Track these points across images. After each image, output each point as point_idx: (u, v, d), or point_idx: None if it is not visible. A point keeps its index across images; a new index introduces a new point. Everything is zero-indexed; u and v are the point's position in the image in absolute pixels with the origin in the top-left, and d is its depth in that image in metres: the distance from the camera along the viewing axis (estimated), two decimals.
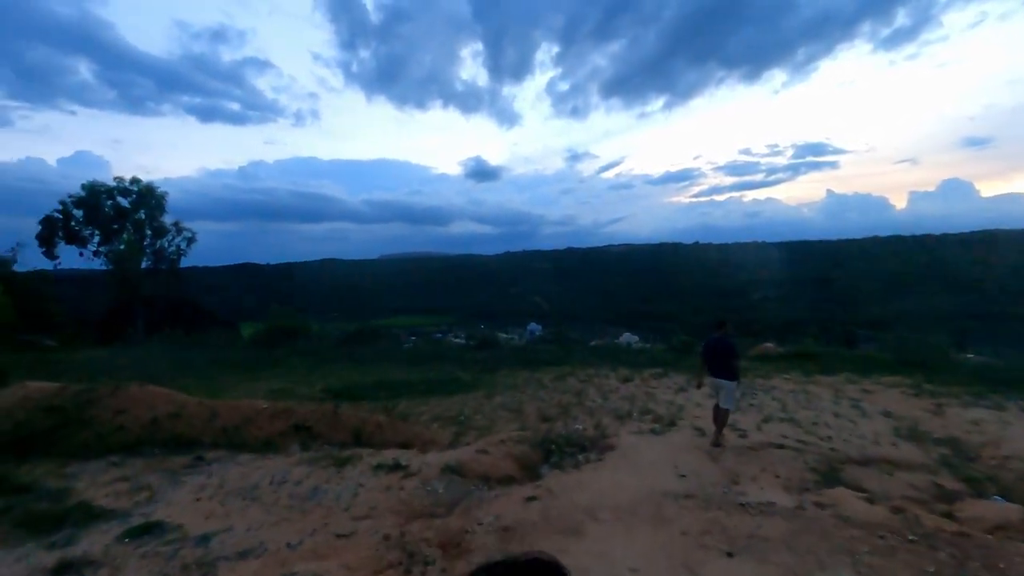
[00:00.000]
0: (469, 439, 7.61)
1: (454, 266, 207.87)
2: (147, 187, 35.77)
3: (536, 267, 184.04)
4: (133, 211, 35.86)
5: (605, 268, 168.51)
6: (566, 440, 6.65)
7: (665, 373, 13.67)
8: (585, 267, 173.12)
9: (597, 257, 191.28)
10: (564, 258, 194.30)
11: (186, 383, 13.58)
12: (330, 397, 11.83)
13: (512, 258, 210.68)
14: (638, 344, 32.27)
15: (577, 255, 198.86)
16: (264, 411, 5.59)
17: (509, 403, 10.49)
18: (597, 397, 11.04)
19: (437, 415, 9.54)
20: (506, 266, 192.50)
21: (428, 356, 18.41)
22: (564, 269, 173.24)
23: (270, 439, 5.35)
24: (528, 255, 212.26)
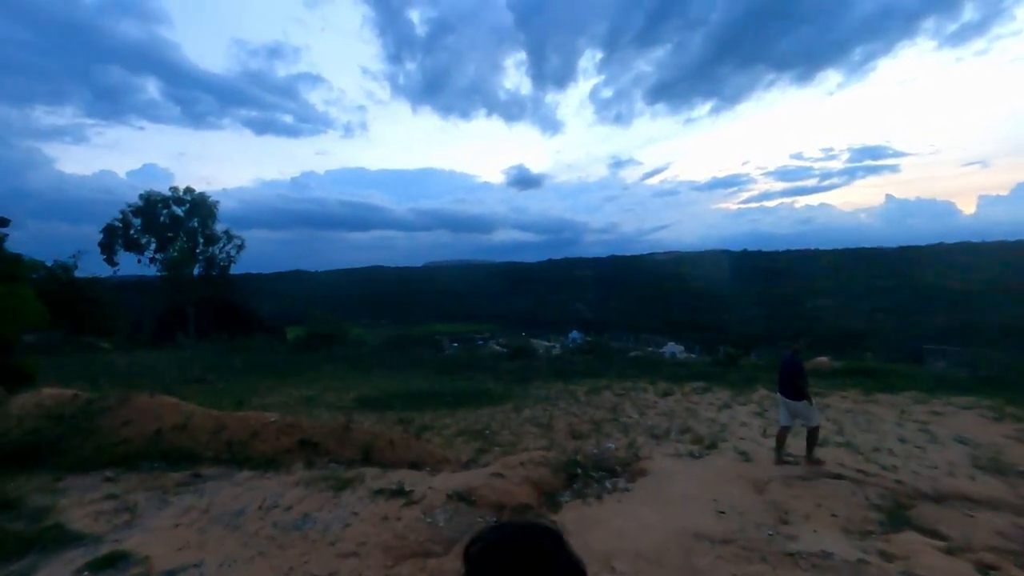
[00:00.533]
0: (491, 457, 7.11)
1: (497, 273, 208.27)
2: (200, 197, 37.14)
3: (579, 275, 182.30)
4: (187, 219, 37.30)
5: (649, 276, 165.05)
6: (594, 463, 6.06)
7: (708, 388, 12.81)
8: (629, 275, 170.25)
9: (641, 265, 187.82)
10: (607, 266, 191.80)
11: (214, 389, 13.73)
12: (359, 406, 11.61)
13: (554, 266, 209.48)
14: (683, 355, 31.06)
15: (621, 263, 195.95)
16: (271, 425, 5.29)
17: (538, 417, 9.94)
18: (633, 413, 10.35)
19: (462, 429, 9.09)
20: (549, 274, 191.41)
21: (462, 365, 18.05)
22: (607, 277, 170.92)
23: (275, 455, 5.02)
24: (571, 262, 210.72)
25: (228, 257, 39.13)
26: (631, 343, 50.72)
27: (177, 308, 37.00)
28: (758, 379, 13.69)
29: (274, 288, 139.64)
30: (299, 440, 5.19)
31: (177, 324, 35.07)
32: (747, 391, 12.23)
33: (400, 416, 10.48)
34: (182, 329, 34.69)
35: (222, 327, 33.48)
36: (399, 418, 10.27)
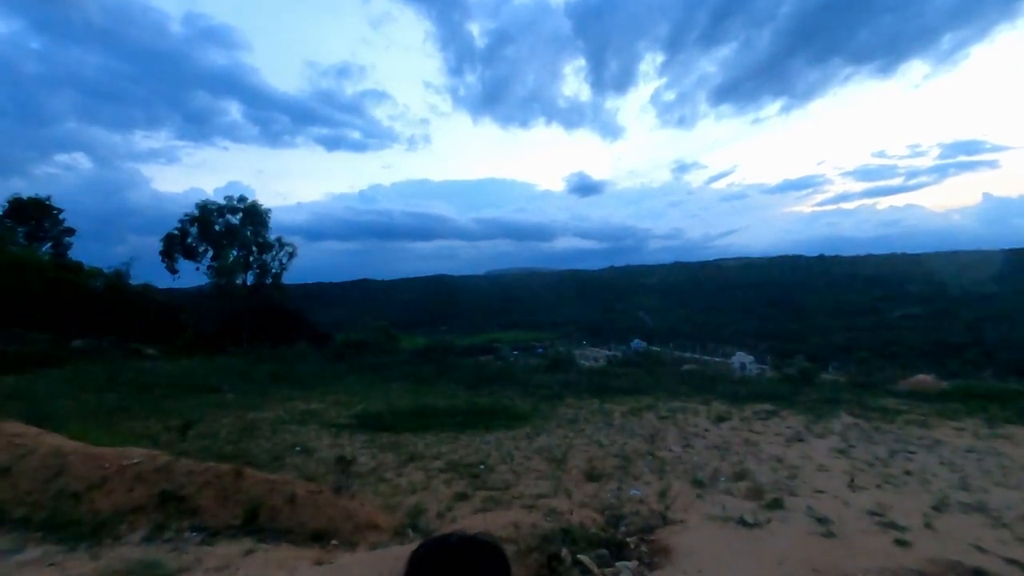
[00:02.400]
0: (465, 510, 5.35)
1: (558, 281, 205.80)
2: (252, 205, 37.64)
3: (642, 282, 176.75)
4: (241, 227, 37.88)
5: (717, 283, 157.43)
6: (592, 537, 4.17)
7: (775, 412, 10.43)
8: (694, 282, 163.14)
9: (708, 271, 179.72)
10: (672, 273, 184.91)
11: (207, 401, 12.66)
12: (356, 424, 10.16)
13: (617, 273, 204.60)
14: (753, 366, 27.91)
15: (686, 269, 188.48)
16: (128, 469, 3.83)
17: (553, 447, 8.05)
18: (675, 444, 8.26)
19: (454, 461, 7.36)
20: (611, 281, 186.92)
21: (493, 377, 16.33)
22: (672, 284, 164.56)
23: (116, 515, 3.56)
24: (633, 270, 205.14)
25: (281, 265, 39.44)
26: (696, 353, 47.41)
27: (233, 316, 37.59)
28: (839, 401, 11.16)
29: (342, 297, 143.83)
30: (160, 492, 3.71)
31: (234, 331, 35.54)
32: (826, 417, 9.79)
33: (395, 439, 8.92)
34: (237, 336, 35.12)
35: (273, 335, 33.57)
36: (392, 442, 8.71)
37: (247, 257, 37.85)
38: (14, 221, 28.78)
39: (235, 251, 37.24)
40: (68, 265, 28.11)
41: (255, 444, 8.67)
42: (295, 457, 7.83)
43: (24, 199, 29.07)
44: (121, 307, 26.41)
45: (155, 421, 10.32)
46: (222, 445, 8.55)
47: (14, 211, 28.77)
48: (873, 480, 6.29)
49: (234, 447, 8.42)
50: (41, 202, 29.71)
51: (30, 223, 29.62)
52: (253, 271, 38.37)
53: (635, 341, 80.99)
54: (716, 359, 40.34)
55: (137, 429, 9.60)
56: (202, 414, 11.33)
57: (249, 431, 9.65)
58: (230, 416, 11.10)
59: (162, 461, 4.03)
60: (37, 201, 29.54)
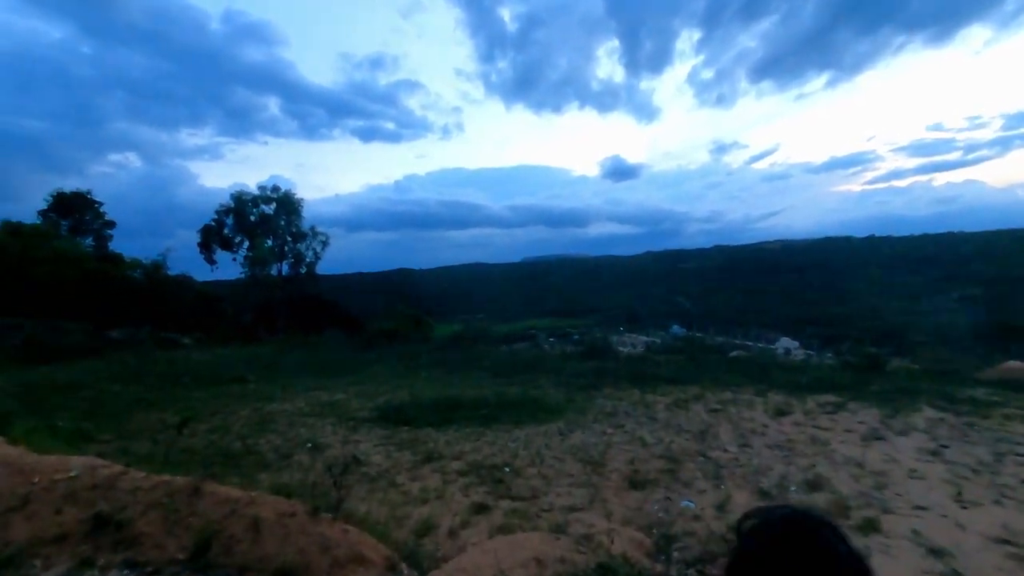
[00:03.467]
0: (477, 529, 4.49)
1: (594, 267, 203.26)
2: (286, 195, 37.66)
3: (680, 267, 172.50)
4: (275, 218, 37.99)
5: (759, 267, 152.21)
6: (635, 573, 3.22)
7: (842, 404, 9.19)
8: (735, 266, 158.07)
9: (749, 255, 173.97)
10: (711, 257, 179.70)
11: (229, 392, 12.15)
12: (376, 417, 9.45)
13: (654, 258, 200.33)
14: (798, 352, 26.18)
15: (726, 253, 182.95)
16: (57, 485, 3.11)
17: (589, 446, 7.10)
18: (730, 443, 7.19)
19: (475, 462, 6.51)
20: (648, 266, 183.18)
21: (524, 365, 15.45)
22: (711, 269, 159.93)
23: (33, 545, 2.85)
24: (671, 255, 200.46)
25: (315, 254, 39.48)
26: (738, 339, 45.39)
27: (268, 305, 37.90)
28: (917, 392, 9.80)
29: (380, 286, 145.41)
30: (94, 515, 2.98)
31: (266, 321, 35.83)
32: (904, 411, 8.51)
33: (415, 434, 8.15)
34: (272, 325, 35.38)
35: (307, 323, 33.65)
36: (411, 438, 7.94)
37: (282, 247, 38.03)
38: (58, 215, 29.42)
39: (269, 241, 37.47)
40: (108, 257, 28.55)
41: (266, 440, 8.04)
42: (304, 455, 7.14)
43: (67, 193, 29.67)
44: (158, 297, 26.64)
45: (171, 414, 9.91)
46: (231, 441, 7.96)
47: (58, 205, 29.40)
48: (985, 492, 5.12)
49: (243, 443, 7.82)
50: (83, 196, 30.28)
51: (73, 217, 30.24)
52: (288, 260, 38.58)
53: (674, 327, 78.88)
54: (759, 345, 38.43)
55: (150, 422, 9.17)
56: (221, 405, 10.92)
57: (264, 425, 9.06)
58: (248, 408, 10.58)
59: (104, 474, 3.30)
60: (79, 195, 30.12)
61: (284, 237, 38.32)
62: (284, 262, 38.40)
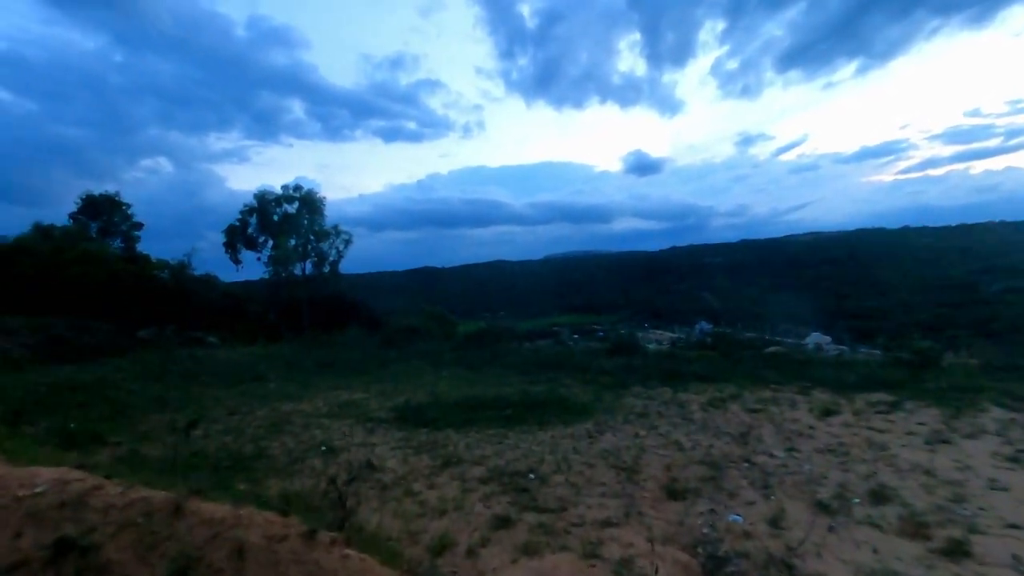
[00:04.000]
0: (499, 548, 4.00)
1: (618, 263, 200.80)
2: (308, 194, 37.70)
3: (706, 262, 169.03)
4: (298, 217, 38.10)
5: (788, 260, 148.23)
6: None
7: (897, 403, 8.44)
8: (763, 260, 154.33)
9: (777, 248, 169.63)
10: (738, 251, 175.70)
11: (248, 391, 11.89)
12: (395, 418, 9.05)
13: (679, 253, 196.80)
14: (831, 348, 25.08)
15: (753, 247, 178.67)
16: (22, 503, 2.74)
17: (621, 450, 6.56)
18: (776, 447, 6.57)
19: (497, 468, 6.03)
20: (673, 262, 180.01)
21: (549, 363, 14.91)
22: (738, 263, 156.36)
23: None
24: (697, 249, 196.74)
25: (338, 252, 39.48)
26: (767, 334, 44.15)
27: (293, 304, 38.08)
28: (980, 389, 8.98)
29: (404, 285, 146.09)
30: (58, 540, 2.60)
31: (290, 320, 35.96)
32: (968, 411, 7.74)
33: (434, 437, 7.71)
34: (297, 324, 35.47)
35: (331, 322, 33.66)
36: (430, 440, 7.50)
37: (305, 245, 38.13)
38: (87, 217, 29.91)
39: (293, 240, 37.59)
40: (135, 257, 28.91)
41: (279, 442, 7.69)
42: (318, 458, 6.75)
43: (96, 196, 30.13)
44: (184, 297, 26.85)
45: (187, 414, 9.67)
46: (244, 443, 7.63)
47: (87, 207, 29.89)
48: None
49: (256, 445, 7.49)
50: (111, 198, 30.72)
51: (103, 219, 30.71)
52: (311, 259, 38.66)
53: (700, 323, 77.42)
54: (788, 340, 37.18)
55: (164, 423, 8.92)
56: (239, 405, 10.65)
57: (279, 426, 8.73)
58: (266, 408, 10.29)
59: (74, 490, 2.91)
60: (108, 197, 30.57)
61: (307, 236, 38.44)
62: (307, 261, 38.57)
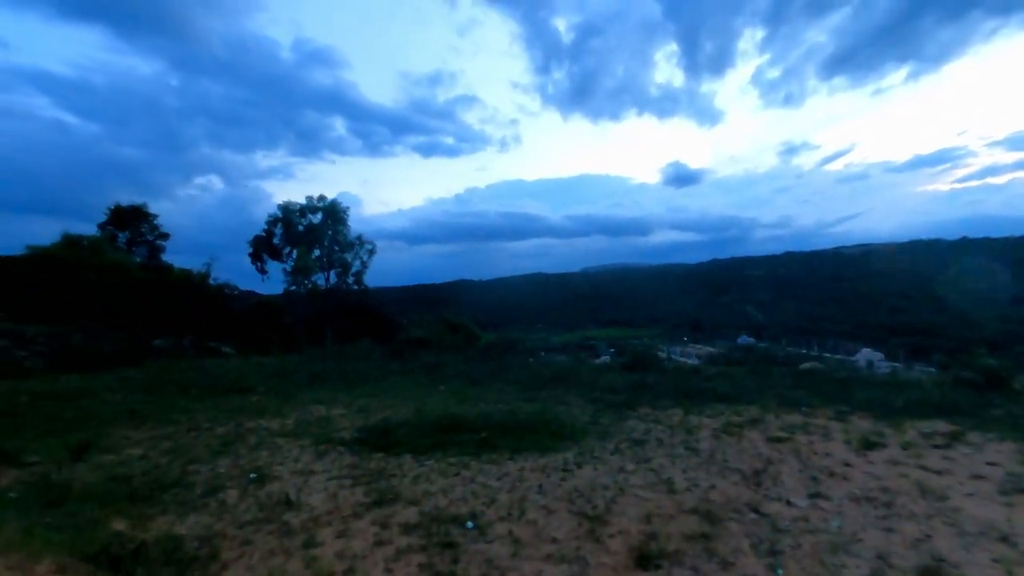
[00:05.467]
0: None
1: (656, 276, 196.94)
2: (332, 204, 37.66)
3: (748, 274, 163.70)
4: (322, 227, 38.02)
5: (835, 273, 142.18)
6: None
7: (959, 434, 6.83)
8: (809, 272, 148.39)
9: (824, 261, 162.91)
10: (782, 264, 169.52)
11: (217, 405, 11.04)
12: (356, 440, 7.95)
13: (720, 266, 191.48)
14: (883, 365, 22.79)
15: (798, 259, 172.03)
16: None
17: (596, 490, 5.25)
18: (797, 491, 5.14)
19: (433, 511, 4.82)
20: (713, 275, 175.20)
21: (556, 378, 13.59)
22: (782, 276, 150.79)
23: None
24: (738, 262, 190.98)
25: (361, 263, 39.22)
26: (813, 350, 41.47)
27: (316, 314, 37.91)
28: None
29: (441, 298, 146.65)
30: None
31: (314, 330, 35.69)
32: None
33: (385, 464, 6.57)
34: (319, 335, 35.15)
35: (354, 332, 33.21)
36: (378, 468, 6.36)
37: (328, 256, 38.00)
38: (115, 227, 30.39)
39: (317, 250, 37.51)
40: (157, 267, 29.11)
41: (213, 466, 6.68)
42: (237, 488, 5.70)
43: (124, 207, 30.63)
44: (202, 307, 26.73)
45: (158, 428, 8.90)
46: (175, 467, 6.67)
47: (115, 218, 30.38)
48: None
49: (184, 470, 6.51)
50: (139, 209, 31.19)
51: (131, 229, 31.18)
52: (335, 269, 38.50)
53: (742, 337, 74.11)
54: (836, 357, 34.77)
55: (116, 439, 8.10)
56: (207, 419, 9.78)
57: (230, 445, 7.75)
58: (232, 423, 9.38)
59: None
60: (135, 208, 31.05)
61: (330, 247, 38.32)
62: (331, 271, 38.40)
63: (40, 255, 24.32)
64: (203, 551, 4.21)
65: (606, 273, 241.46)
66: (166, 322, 24.71)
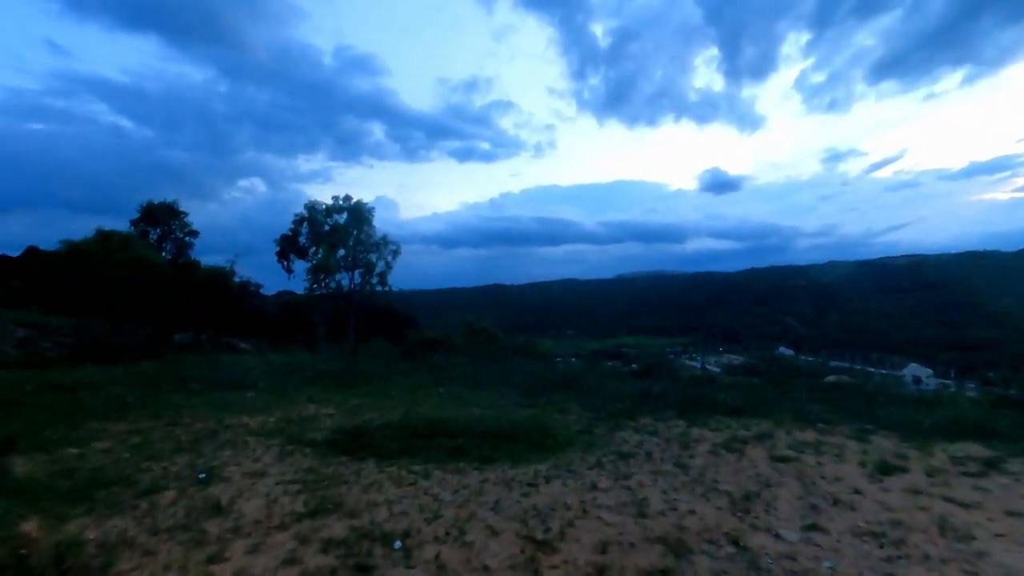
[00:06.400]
0: None
1: (692, 284, 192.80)
2: (357, 204, 37.76)
3: (788, 284, 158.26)
4: (349, 227, 38.17)
5: (881, 284, 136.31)
6: None
7: (996, 461, 5.92)
8: (854, 283, 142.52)
9: (871, 271, 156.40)
10: (824, 273, 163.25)
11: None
12: (329, 441, 7.51)
13: (758, 275, 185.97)
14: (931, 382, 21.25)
15: (843, 269, 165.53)
16: None
17: (556, 509, 4.63)
18: (791, 521, 4.41)
19: (367, 526, 4.29)
20: (751, 284, 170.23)
21: (561, 383, 12.92)
22: (825, 286, 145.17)
23: None
24: (778, 271, 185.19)
25: (386, 264, 39.18)
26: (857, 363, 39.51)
27: (340, 313, 38.10)
28: None
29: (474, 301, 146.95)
30: None
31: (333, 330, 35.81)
32: None
33: (344, 469, 6.09)
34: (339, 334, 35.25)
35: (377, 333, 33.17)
36: (332, 475, 5.88)
37: (353, 256, 38.10)
38: (147, 224, 31.17)
39: (342, 250, 37.67)
40: (183, 264, 29.68)
41: (167, 463, 6.34)
42: (175, 491, 5.31)
43: (155, 204, 31.40)
44: (224, 303, 27.06)
45: (140, 422, 8.70)
46: (133, 463, 6.34)
47: (147, 215, 31.15)
48: None
49: (138, 467, 6.18)
50: (170, 206, 31.92)
51: (162, 226, 31.94)
52: (359, 269, 38.55)
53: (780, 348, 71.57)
54: (882, 371, 33.04)
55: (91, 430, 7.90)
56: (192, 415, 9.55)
57: (196, 443, 7.43)
58: (212, 420, 9.10)
59: None
60: (166, 205, 31.79)
61: (355, 247, 38.40)
62: (356, 271, 38.49)
63: (72, 250, 25.05)
64: (98, 560, 3.80)
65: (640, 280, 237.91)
66: (188, 317, 25.08)
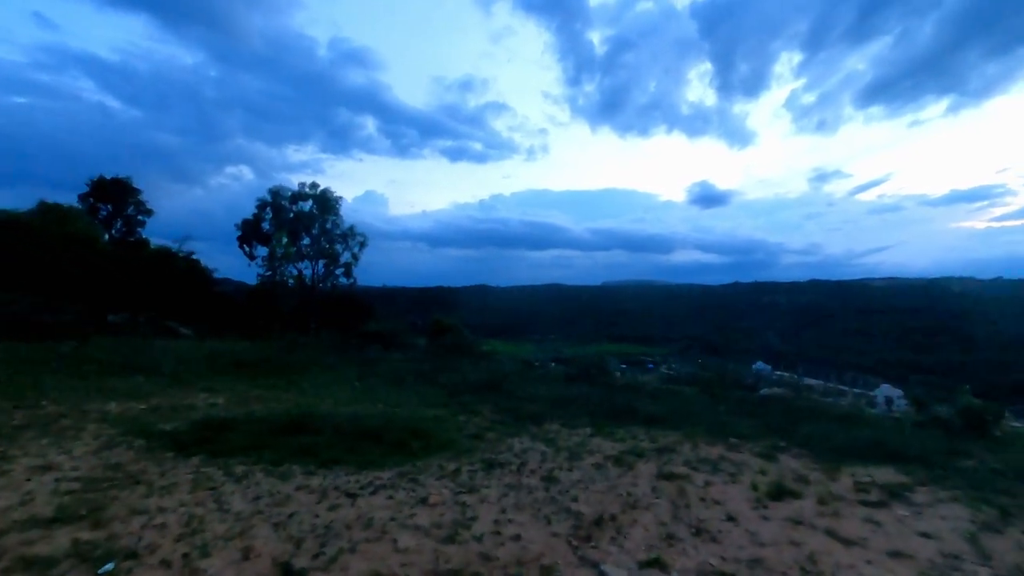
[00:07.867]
0: None
1: (676, 295, 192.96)
2: (323, 192, 36.58)
3: (771, 300, 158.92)
4: (315, 216, 36.96)
5: (861, 305, 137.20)
6: None
7: (903, 489, 5.21)
8: (834, 303, 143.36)
9: (851, 292, 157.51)
10: (806, 292, 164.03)
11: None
12: (176, 435, 6.60)
13: (742, 289, 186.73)
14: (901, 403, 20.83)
15: (824, 289, 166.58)
16: None
17: (352, 527, 3.81)
18: (634, 554, 3.63)
19: (96, 541, 3.45)
20: (734, 298, 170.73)
21: (487, 384, 12.08)
22: (806, 304, 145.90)
23: None
24: (761, 286, 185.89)
25: (352, 255, 38.04)
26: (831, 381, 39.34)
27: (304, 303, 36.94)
28: None
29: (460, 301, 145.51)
30: None
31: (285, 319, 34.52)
32: (1021, 515, 4.47)
33: (151, 467, 5.22)
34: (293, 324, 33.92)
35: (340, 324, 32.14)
36: (136, 471, 5.00)
37: (316, 245, 36.89)
38: (96, 200, 29.67)
39: (307, 239, 36.49)
40: (130, 242, 28.39)
41: None
42: None
43: (106, 179, 29.96)
44: (169, 285, 25.78)
45: None
46: None
47: (96, 190, 29.63)
48: None
49: None
50: (122, 182, 30.44)
51: (113, 202, 30.46)
52: (323, 260, 37.36)
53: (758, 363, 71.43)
54: (854, 390, 32.79)
55: None
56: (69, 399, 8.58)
57: (23, 429, 6.49)
58: (66, 405, 8.12)
59: None
60: (118, 181, 30.31)
61: (319, 236, 37.19)
62: (320, 261, 37.28)
63: (6, 221, 23.66)
64: None
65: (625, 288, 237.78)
66: (127, 297, 23.88)
